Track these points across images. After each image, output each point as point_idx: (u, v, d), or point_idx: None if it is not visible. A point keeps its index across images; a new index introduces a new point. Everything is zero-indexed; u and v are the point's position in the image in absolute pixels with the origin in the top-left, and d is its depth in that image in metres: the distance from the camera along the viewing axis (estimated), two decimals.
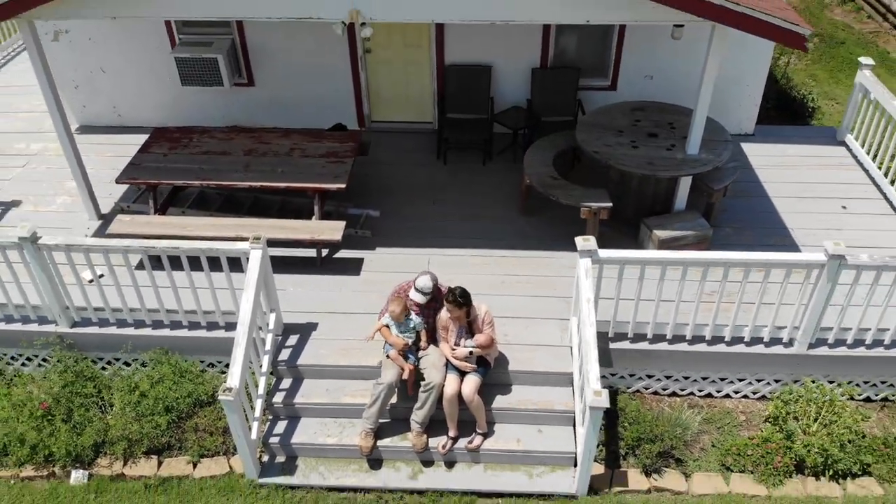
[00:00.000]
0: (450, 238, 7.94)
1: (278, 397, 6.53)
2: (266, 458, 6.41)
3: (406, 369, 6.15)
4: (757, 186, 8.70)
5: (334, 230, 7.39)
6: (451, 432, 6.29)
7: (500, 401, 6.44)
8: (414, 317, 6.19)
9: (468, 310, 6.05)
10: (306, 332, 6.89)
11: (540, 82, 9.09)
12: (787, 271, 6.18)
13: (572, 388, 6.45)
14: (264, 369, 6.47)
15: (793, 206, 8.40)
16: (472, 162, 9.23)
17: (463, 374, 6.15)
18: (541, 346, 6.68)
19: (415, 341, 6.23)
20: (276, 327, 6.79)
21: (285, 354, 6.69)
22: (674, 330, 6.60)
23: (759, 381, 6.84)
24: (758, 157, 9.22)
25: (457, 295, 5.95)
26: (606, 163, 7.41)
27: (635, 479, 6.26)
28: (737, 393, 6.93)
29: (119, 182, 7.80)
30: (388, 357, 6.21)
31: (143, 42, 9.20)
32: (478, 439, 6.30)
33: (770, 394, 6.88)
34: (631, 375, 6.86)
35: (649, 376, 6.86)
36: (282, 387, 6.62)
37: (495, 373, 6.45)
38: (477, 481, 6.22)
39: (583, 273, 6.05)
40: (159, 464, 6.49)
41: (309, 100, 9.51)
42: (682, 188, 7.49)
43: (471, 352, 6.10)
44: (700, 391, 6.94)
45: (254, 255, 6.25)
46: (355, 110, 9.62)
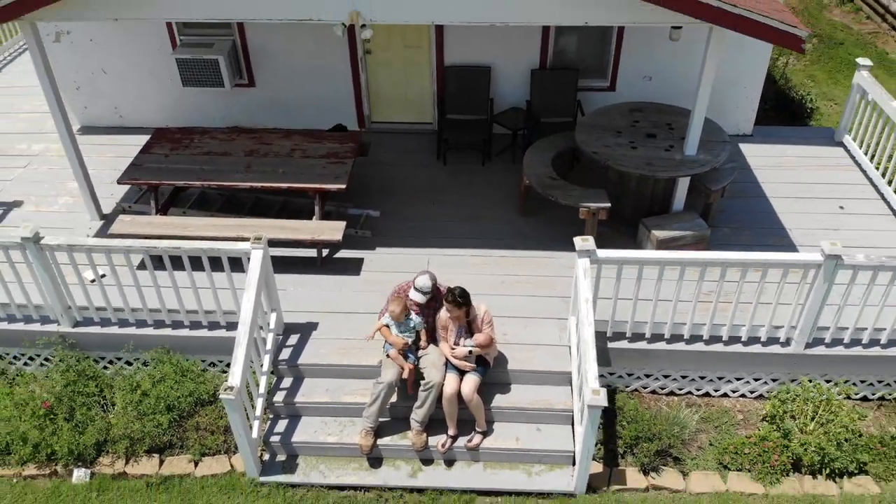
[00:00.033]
0: (449, 238, 7.95)
1: (279, 396, 6.54)
2: (267, 457, 6.43)
3: (406, 368, 6.16)
4: (755, 187, 8.70)
5: (335, 230, 7.41)
6: (451, 431, 6.30)
7: (500, 400, 6.46)
8: (414, 316, 6.21)
9: (467, 309, 6.06)
10: (307, 331, 6.91)
11: (539, 83, 9.08)
12: (783, 271, 6.20)
13: (571, 388, 6.46)
14: (265, 368, 6.49)
15: (790, 206, 8.41)
16: (471, 162, 9.24)
17: (462, 374, 6.17)
18: (540, 346, 6.69)
19: (414, 341, 6.24)
20: (277, 327, 6.81)
21: (286, 354, 6.70)
22: (671, 329, 6.62)
23: (756, 380, 6.86)
24: (756, 157, 9.22)
25: (456, 295, 5.96)
26: (605, 163, 7.43)
27: (633, 478, 6.28)
28: (734, 392, 6.94)
29: (121, 182, 7.81)
30: (388, 356, 6.22)
31: (144, 43, 9.21)
32: (477, 438, 6.31)
33: (767, 393, 6.89)
34: (629, 375, 6.88)
35: (647, 375, 6.87)
36: (282, 386, 6.63)
37: (494, 372, 6.46)
38: (476, 480, 6.23)
39: (581, 273, 6.08)
40: (161, 462, 6.51)
41: (309, 101, 9.52)
42: (680, 189, 7.50)
43: (470, 351, 6.11)
44: (698, 390, 6.95)
45: (255, 255, 6.27)
46: (355, 111, 9.62)
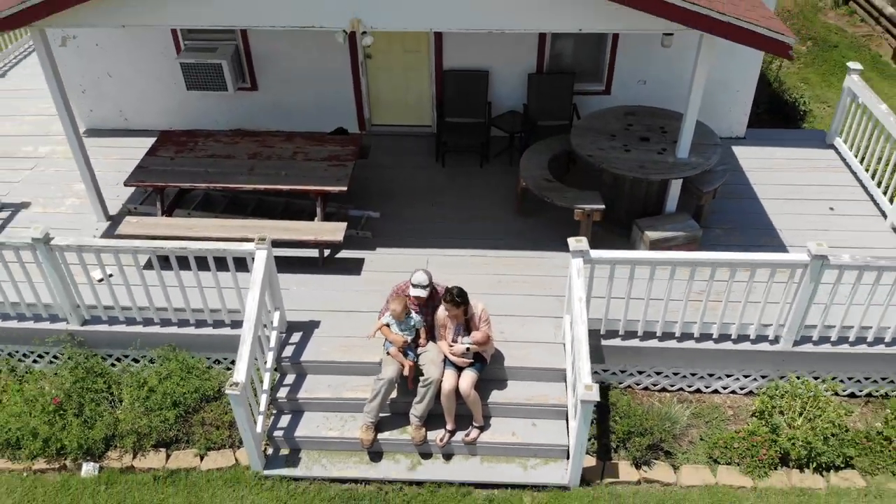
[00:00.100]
0: (448, 239, 8.06)
1: (282, 392, 6.68)
2: (270, 451, 6.56)
3: (406, 365, 6.30)
4: (747, 188, 8.82)
5: (336, 231, 7.54)
6: (449, 426, 6.44)
7: (496, 395, 6.59)
8: (414, 315, 6.34)
9: (465, 308, 6.19)
10: (309, 329, 7.04)
11: (536, 87, 9.19)
12: (771, 271, 6.35)
13: (565, 384, 6.60)
14: (269, 365, 6.63)
15: (781, 207, 8.51)
16: (469, 165, 9.35)
17: (460, 370, 6.31)
18: (535, 343, 6.83)
19: (414, 338, 6.39)
20: (281, 325, 6.95)
21: (289, 351, 6.84)
22: (663, 327, 6.76)
23: (746, 376, 7.00)
24: (748, 159, 9.34)
25: (454, 294, 6.09)
26: (599, 166, 7.56)
27: (626, 471, 6.42)
28: (725, 388, 7.08)
29: (127, 185, 7.92)
30: (388, 354, 6.36)
31: (149, 48, 9.33)
32: (474, 432, 6.44)
33: (757, 389, 7.03)
34: (622, 371, 7.02)
35: (640, 372, 7.01)
36: (286, 382, 6.77)
37: (491, 369, 6.60)
38: (473, 473, 6.37)
39: (575, 273, 6.23)
40: (167, 456, 6.65)
41: (311, 104, 9.62)
42: (672, 191, 7.62)
43: (468, 348, 6.25)
44: (689, 387, 7.09)
45: (259, 255, 6.40)
46: (356, 114, 9.73)
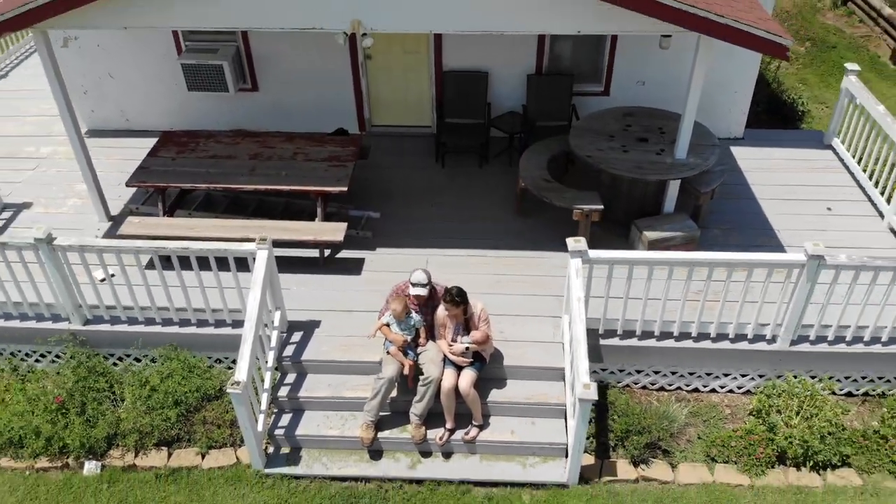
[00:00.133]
0: (448, 239, 8.10)
1: (283, 391, 6.73)
2: (271, 450, 6.61)
3: (406, 364, 6.36)
4: (745, 189, 8.86)
5: (336, 231, 7.58)
6: (449, 424, 6.49)
7: (495, 394, 6.65)
8: (414, 315, 6.40)
9: (465, 307, 6.24)
10: (310, 329, 7.09)
11: (535, 88, 9.24)
12: (768, 271, 6.40)
13: (564, 383, 6.65)
14: (270, 364, 6.68)
15: (779, 207, 8.56)
16: (469, 165, 9.39)
17: (460, 369, 6.36)
18: (534, 343, 6.88)
19: (414, 338, 6.44)
20: (281, 324, 6.99)
21: (290, 350, 6.89)
22: (661, 327, 6.80)
23: (743, 376, 7.05)
24: (746, 160, 9.38)
25: (454, 294, 6.15)
26: (598, 167, 7.61)
27: (624, 469, 6.47)
28: (722, 388, 7.13)
29: (129, 185, 7.97)
30: (388, 353, 6.41)
31: (150, 49, 9.38)
32: (474, 431, 6.49)
33: (754, 388, 7.07)
34: (620, 371, 7.06)
35: (638, 371, 7.06)
36: (286, 381, 6.82)
37: (491, 368, 6.65)
38: (473, 471, 6.42)
39: (573, 273, 6.28)
40: (169, 455, 6.69)
41: (311, 105, 9.67)
42: (670, 191, 7.67)
43: (467, 347, 6.30)
44: (687, 386, 7.14)
45: (260, 255, 6.46)
46: (356, 115, 9.77)
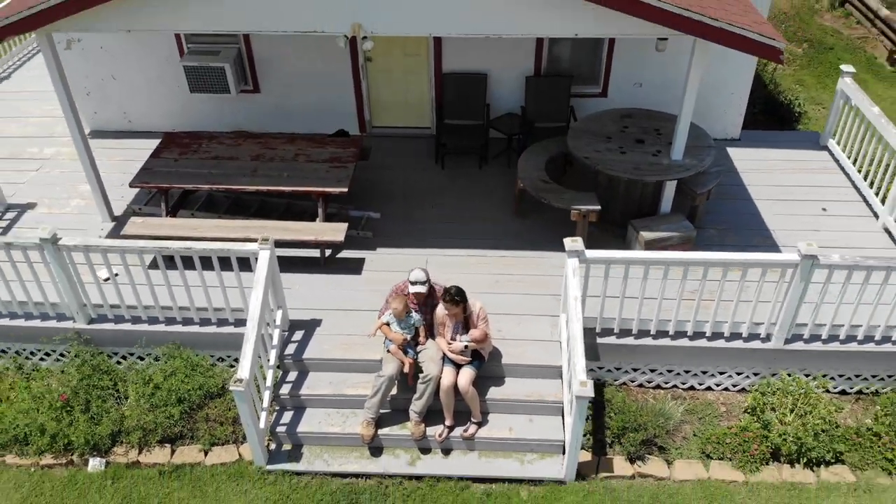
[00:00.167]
0: (447, 239, 8.19)
1: (285, 389, 6.82)
2: (273, 446, 6.70)
3: (406, 363, 6.45)
4: (741, 189, 8.94)
5: (337, 232, 7.66)
6: (448, 421, 6.57)
7: (494, 392, 6.73)
8: (414, 314, 6.49)
9: (464, 306, 6.33)
10: (311, 327, 7.18)
11: (533, 90, 9.32)
12: (763, 270, 6.49)
13: (561, 381, 6.73)
14: (272, 362, 6.76)
15: (775, 208, 8.63)
16: (468, 166, 9.47)
17: (459, 367, 6.44)
18: (532, 341, 6.97)
19: (413, 336, 6.53)
20: (283, 323, 7.08)
21: (291, 349, 6.98)
22: (657, 326, 6.88)
23: (738, 374, 7.13)
24: (743, 161, 9.45)
25: (452, 294, 6.24)
26: (595, 168, 7.70)
27: (620, 466, 6.56)
28: (718, 385, 7.22)
29: (132, 186, 8.06)
30: (388, 351, 6.50)
31: (153, 51, 9.46)
32: (472, 428, 6.58)
33: (749, 386, 7.16)
34: (617, 369, 7.15)
35: (635, 369, 7.14)
36: (288, 379, 6.91)
37: (489, 366, 6.73)
38: (472, 467, 6.51)
39: (570, 272, 6.36)
40: (172, 452, 6.78)
41: (312, 106, 9.75)
42: (667, 192, 7.76)
43: (466, 346, 6.38)
44: (683, 384, 7.23)
45: (262, 255, 6.54)
46: (357, 116, 9.85)
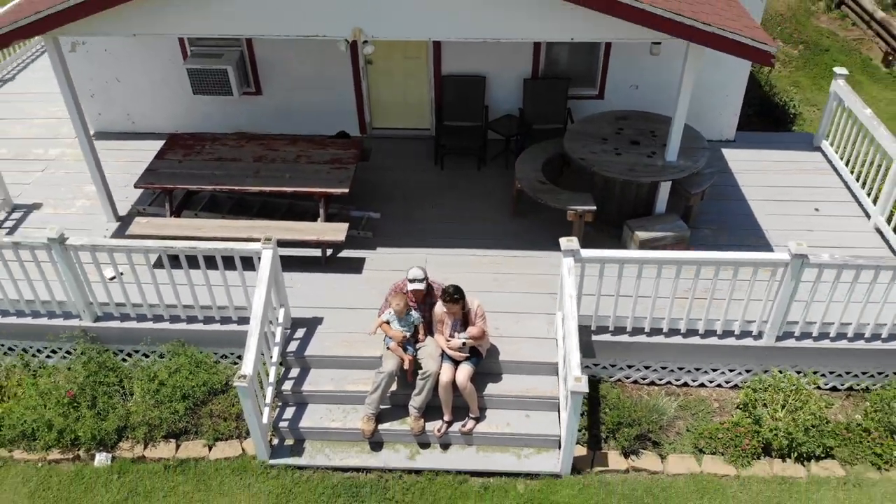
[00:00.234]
0: (446, 238, 8.31)
1: (287, 385, 6.95)
2: (276, 441, 6.83)
3: (405, 359, 6.59)
4: (735, 190, 9.07)
5: (338, 231, 7.80)
6: (446, 417, 6.70)
7: (492, 388, 6.86)
8: (413, 312, 6.64)
9: (462, 303, 6.47)
10: (313, 325, 7.31)
11: (531, 92, 9.44)
12: (754, 269, 6.62)
13: (557, 377, 6.87)
14: (274, 359, 6.90)
15: (769, 208, 8.76)
16: (467, 167, 9.59)
17: (457, 364, 6.58)
18: (529, 339, 7.10)
19: (413, 334, 6.67)
20: (285, 321, 7.22)
21: (293, 346, 7.11)
22: (651, 323, 7.02)
23: (731, 371, 7.26)
24: (737, 161, 9.58)
25: (451, 293, 6.38)
26: (591, 169, 7.84)
27: (615, 460, 6.69)
28: (711, 382, 7.35)
29: (137, 186, 8.20)
30: (388, 349, 6.64)
31: (156, 54, 9.58)
32: (470, 423, 6.71)
33: (741, 383, 7.29)
34: (612, 366, 7.28)
35: (629, 366, 7.27)
36: (290, 376, 7.04)
37: (487, 363, 6.86)
38: (470, 461, 6.64)
39: (566, 271, 6.51)
40: (177, 447, 6.91)
41: (314, 108, 9.86)
42: (661, 192, 7.88)
43: (464, 343, 6.51)
44: (677, 380, 7.35)
45: (265, 254, 6.67)
46: (357, 118, 9.97)
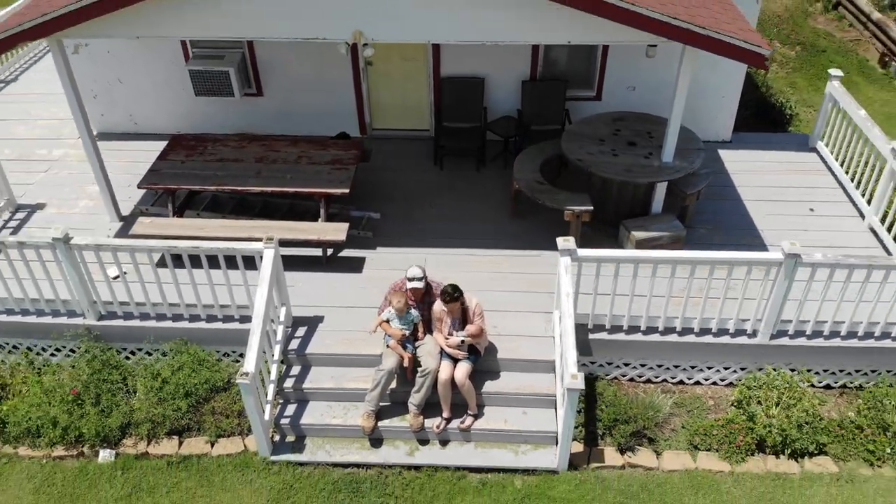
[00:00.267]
0: (445, 238, 8.39)
1: (288, 383, 7.04)
2: (277, 438, 6.92)
3: (405, 357, 6.69)
4: (731, 190, 9.15)
5: (339, 231, 7.88)
6: (445, 414, 6.80)
7: (490, 385, 6.96)
8: (412, 310, 6.74)
9: (461, 301, 6.57)
10: (314, 324, 7.40)
11: (529, 93, 9.52)
12: (748, 269, 6.73)
13: (554, 374, 6.96)
14: (276, 357, 6.99)
15: (764, 208, 8.84)
16: (466, 168, 9.67)
17: (456, 361, 6.67)
18: (526, 337, 7.19)
19: (412, 332, 6.76)
20: (287, 320, 7.31)
21: (295, 344, 7.20)
22: (647, 322, 7.11)
23: (726, 368, 7.36)
24: (733, 162, 9.66)
25: (449, 292, 6.48)
26: (589, 170, 7.93)
27: (611, 457, 6.79)
28: (706, 380, 7.44)
29: (140, 187, 8.29)
30: (388, 347, 6.73)
31: (158, 55, 9.66)
32: (469, 420, 6.80)
33: (736, 381, 7.38)
34: (609, 364, 7.37)
35: (626, 364, 7.36)
36: (291, 373, 7.13)
37: (485, 360, 6.96)
38: (468, 457, 6.73)
39: (563, 270, 6.61)
40: (180, 443, 7.00)
41: (314, 109, 9.96)
42: (658, 193, 7.98)
43: (463, 341, 6.61)
44: (672, 378, 7.45)
45: (267, 254, 6.77)
46: (357, 119, 10.05)
